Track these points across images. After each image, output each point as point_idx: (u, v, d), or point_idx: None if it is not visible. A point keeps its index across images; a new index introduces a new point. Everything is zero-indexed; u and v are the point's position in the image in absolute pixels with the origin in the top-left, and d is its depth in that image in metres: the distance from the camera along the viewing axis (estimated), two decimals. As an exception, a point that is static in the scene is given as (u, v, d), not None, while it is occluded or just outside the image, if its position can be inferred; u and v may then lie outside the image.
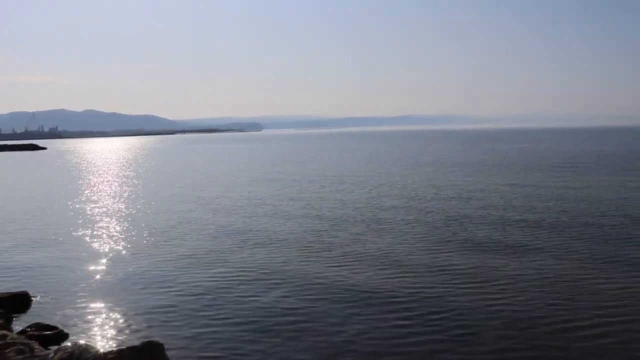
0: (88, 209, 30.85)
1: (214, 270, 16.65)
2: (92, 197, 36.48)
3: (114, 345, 10.96)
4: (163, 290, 14.79)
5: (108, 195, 37.86)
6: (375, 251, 18.49)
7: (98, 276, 16.48)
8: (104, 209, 30.49)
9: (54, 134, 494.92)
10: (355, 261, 17.25)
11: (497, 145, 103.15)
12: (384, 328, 11.69)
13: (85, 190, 41.51)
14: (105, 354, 9.07)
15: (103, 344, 11.14)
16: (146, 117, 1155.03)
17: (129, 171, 61.78)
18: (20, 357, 9.14)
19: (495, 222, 23.20)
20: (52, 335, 11.34)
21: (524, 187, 34.93)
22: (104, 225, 25.33)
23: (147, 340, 9.63)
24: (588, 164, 52.71)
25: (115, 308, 13.39)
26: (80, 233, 23.51)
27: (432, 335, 11.27)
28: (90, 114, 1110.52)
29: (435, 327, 11.68)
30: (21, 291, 14.26)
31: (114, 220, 26.67)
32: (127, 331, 11.84)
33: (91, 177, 54.96)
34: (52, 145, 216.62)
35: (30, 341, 9.94)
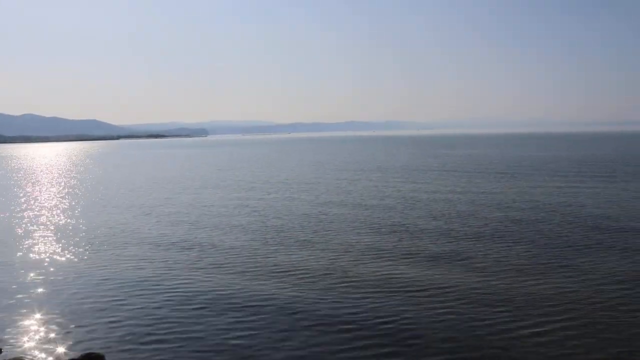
0: (26, 218, 29.72)
1: (156, 282, 16.30)
2: (30, 206, 35.17)
3: (52, 358, 10.59)
4: (104, 301, 14.39)
5: (47, 204, 36.57)
6: (321, 260, 18.50)
7: (35, 288, 15.87)
8: (44, 218, 29.43)
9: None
10: (301, 271, 17.15)
11: (442, 151, 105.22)
12: (331, 335, 11.72)
13: (22, 198, 39.97)
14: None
15: (42, 357, 10.74)
16: (89, 122, 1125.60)
17: (69, 178, 59.85)
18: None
19: (439, 228, 23.65)
20: (-16, 350, 10.87)
21: (467, 194, 35.72)
22: (43, 235, 24.46)
23: (87, 352, 9.35)
24: (530, 170, 54.45)
25: (54, 320, 12.94)
26: (16, 243, 22.63)
27: (379, 340, 11.37)
28: (30, 118, 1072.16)
29: (381, 333, 11.79)
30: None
31: (52, 229, 25.80)
32: (66, 344, 11.44)
33: (29, 184, 52.96)
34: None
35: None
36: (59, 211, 32.19)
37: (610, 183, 39.86)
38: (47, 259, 19.52)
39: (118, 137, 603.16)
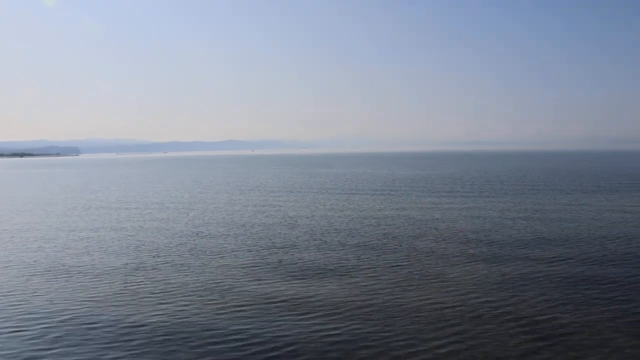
0: None
1: (12, 312, 15.06)
2: None
3: None
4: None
5: None
6: (198, 282, 18.07)
7: None
8: None
9: None
10: (177, 293, 16.68)
11: (320, 170, 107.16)
12: (207, 356, 11.40)
13: None
14: None
15: None
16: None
17: None
18: None
19: (319, 246, 23.95)
20: None
21: (346, 211, 36.58)
22: None
23: None
24: (405, 188, 56.88)
25: None
26: None
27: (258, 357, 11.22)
28: None
29: (260, 355, 11.65)
30: None
31: None
32: None
33: None
34: None
35: None
36: None
37: (479, 199, 42.57)
38: None
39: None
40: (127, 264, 21.05)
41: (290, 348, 11.94)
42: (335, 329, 13.08)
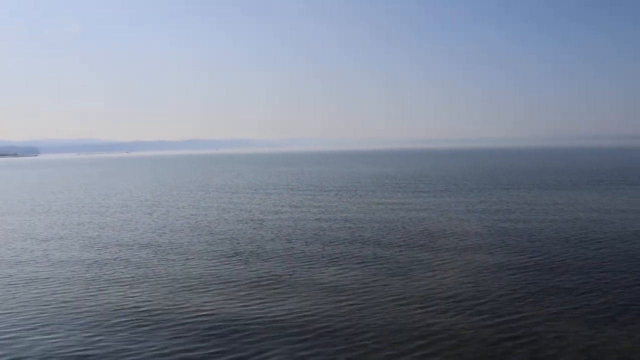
0: None
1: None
2: None
3: None
4: None
5: None
6: (156, 292, 17.83)
7: None
8: None
9: None
10: (145, 283, 16.45)
11: (283, 168, 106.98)
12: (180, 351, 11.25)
13: None
14: None
15: None
16: None
17: None
18: None
19: (282, 248, 23.93)
20: None
21: (311, 209, 36.57)
22: None
23: None
24: (371, 186, 57.22)
25: None
26: None
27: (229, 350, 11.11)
28: None
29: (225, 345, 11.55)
30: None
31: None
32: None
33: None
34: None
35: None
36: None
37: (444, 196, 43.08)
38: None
39: None
40: (88, 265, 20.61)
41: (255, 333, 11.85)
42: (305, 324, 13.03)
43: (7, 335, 13.06)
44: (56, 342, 12.52)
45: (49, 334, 13.08)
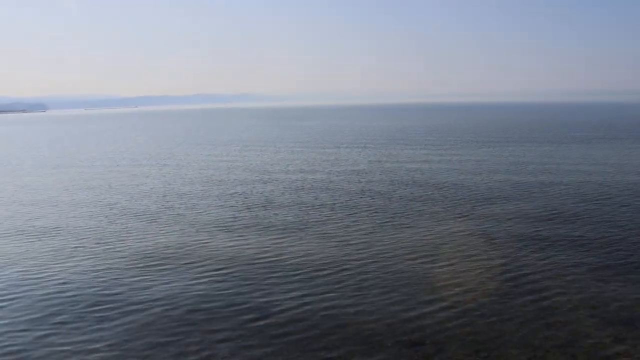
0: None
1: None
2: None
3: None
4: None
5: None
6: (171, 239, 18.10)
7: None
8: None
9: None
10: (146, 253, 16.74)
11: (292, 122, 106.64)
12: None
13: None
14: None
15: None
16: None
17: None
18: None
19: (292, 200, 24.12)
20: None
21: (322, 164, 36.67)
22: None
23: None
24: (383, 140, 57.00)
25: None
26: None
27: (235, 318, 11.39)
28: None
29: (238, 317, 11.82)
30: None
31: None
32: None
33: None
34: None
35: None
36: None
37: (457, 150, 43.00)
38: None
39: None
40: (100, 221, 20.93)
41: (268, 307, 12.10)
42: (311, 281, 13.28)
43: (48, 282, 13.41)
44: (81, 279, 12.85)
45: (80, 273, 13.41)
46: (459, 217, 19.42)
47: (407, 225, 18.42)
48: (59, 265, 15.18)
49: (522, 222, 18.52)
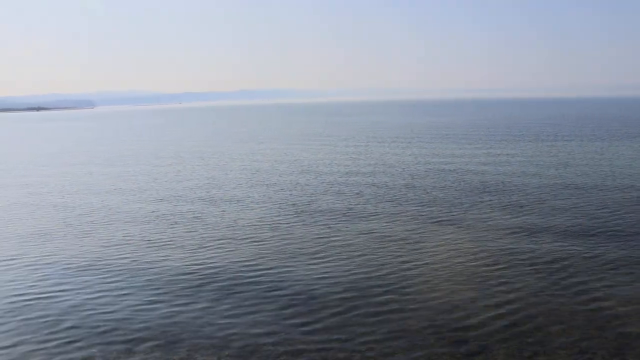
0: None
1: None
2: None
3: None
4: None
5: None
6: (217, 230, 18.35)
7: None
8: None
9: None
10: (198, 242, 17.02)
11: (338, 118, 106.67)
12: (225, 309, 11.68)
13: None
14: None
15: None
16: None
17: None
18: None
19: (329, 190, 24.17)
20: None
21: (366, 159, 36.62)
22: None
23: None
24: (426, 136, 56.52)
25: None
26: None
27: (275, 304, 11.48)
28: None
29: (276, 299, 11.91)
30: None
31: None
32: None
33: None
34: None
35: None
36: None
37: (500, 146, 42.35)
38: None
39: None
40: (146, 211, 21.37)
41: (311, 292, 12.16)
42: (352, 276, 13.27)
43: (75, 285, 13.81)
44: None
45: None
46: (504, 214, 19.08)
47: (451, 223, 18.21)
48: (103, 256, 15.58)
49: (569, 219, 18.09)
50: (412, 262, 14.14)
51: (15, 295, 12.63)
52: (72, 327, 10.74)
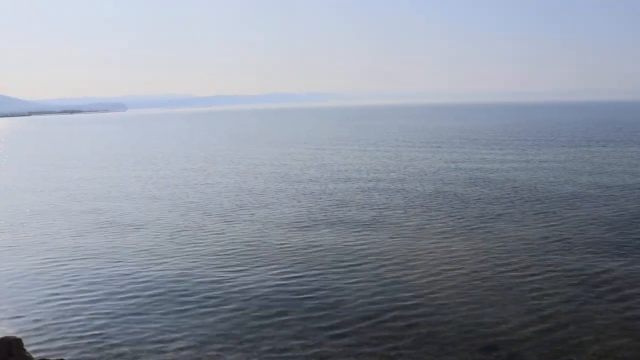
0: None
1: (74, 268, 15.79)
2: None
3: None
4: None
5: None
6: (246, 234, 18.46)
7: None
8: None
9: None
10: (225, 247, 17.13)
11: (367, 122, 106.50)
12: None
13: None
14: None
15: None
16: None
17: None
18: None
19: (365, 198, 24.20)
20: None
21: (396, 161, 36.49)
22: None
23: (2, 337, 8.95)
24: (460, 140, 56.11)
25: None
26: None
27: (303, 308, 11.51)
28: None
29: (304, 302, 11.94)
30: None
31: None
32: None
33: None
34: None
35: None
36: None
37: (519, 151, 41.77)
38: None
39: (29, 114, 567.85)
40: (174, 217, 21.63)
41: (339, 297, 12.15)
42: (382, 280, 13.22)
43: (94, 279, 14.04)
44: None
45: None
46: (536, 222, 18.77)
47: (482, 229, 18.00)
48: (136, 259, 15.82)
49: (601, 226, 17.71)
50: (441, 268, 14.03)
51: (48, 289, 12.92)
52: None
